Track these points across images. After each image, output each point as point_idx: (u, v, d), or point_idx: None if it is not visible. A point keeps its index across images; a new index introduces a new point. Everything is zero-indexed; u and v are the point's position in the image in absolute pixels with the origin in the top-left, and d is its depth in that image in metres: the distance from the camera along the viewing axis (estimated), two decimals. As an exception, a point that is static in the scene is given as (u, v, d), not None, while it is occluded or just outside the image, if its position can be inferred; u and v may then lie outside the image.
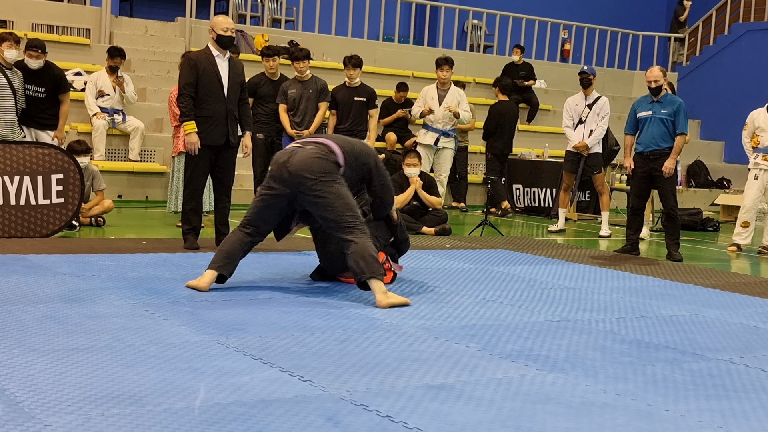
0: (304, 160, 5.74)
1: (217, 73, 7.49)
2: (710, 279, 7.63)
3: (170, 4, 16.56)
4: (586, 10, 20.78)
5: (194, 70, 7.42)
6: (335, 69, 13.42)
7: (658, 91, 9.03)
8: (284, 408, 3.44)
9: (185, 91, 7.42)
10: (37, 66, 8.91)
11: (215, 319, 4.94)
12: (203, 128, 7.43)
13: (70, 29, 13.91)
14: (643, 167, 9.07)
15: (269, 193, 5.85)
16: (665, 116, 8.95)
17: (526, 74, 16.89)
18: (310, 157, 5.76)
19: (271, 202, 5.86)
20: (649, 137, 9.00)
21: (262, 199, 5.89)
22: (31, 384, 3.55)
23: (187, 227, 7.65)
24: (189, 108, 7.41)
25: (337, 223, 5.68)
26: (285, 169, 5.75)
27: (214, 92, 7.47)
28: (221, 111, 7.49)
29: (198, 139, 7.40)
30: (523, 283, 6.83)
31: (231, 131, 7.56)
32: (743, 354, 4.86)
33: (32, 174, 7.91)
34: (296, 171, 5.71)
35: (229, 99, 7.55)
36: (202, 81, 7.44)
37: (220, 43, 7.51)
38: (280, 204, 5.86)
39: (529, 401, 3.72)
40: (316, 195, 5.70)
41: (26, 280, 5.74)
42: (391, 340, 4.68)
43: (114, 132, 11.76)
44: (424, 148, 11.49)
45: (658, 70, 9.06)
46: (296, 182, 5.72)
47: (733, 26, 19.92)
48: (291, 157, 5.80)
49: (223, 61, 7.55)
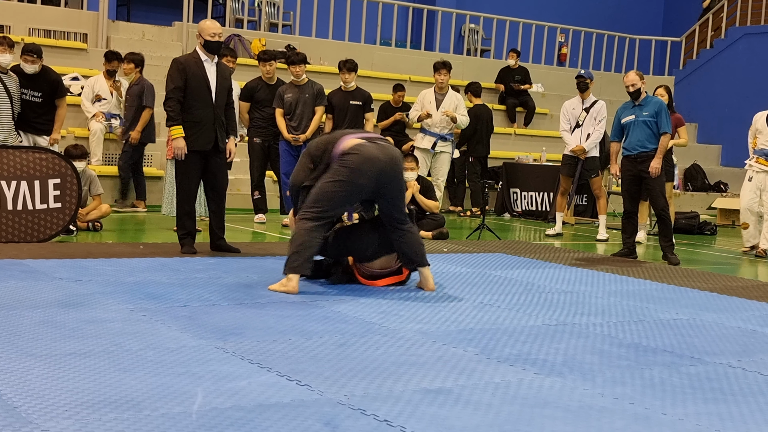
0: (396, 157, 6.15)
1: (206, 78, 7.46)
2: (707, 282, 7.64)
3: (167, 8, 16.57)
4: (582, 14, 20.82)
5: (182, 74, 7.39)
6: (332, 73, 13.43)
7: (638, 95, 9.18)
8: (282, 412, 3.43)
9: (173, 95, 7.37)
10: (33, 71, 8.91)
11: (213, 323, 4.93)
12: (191, 133, 7.40)
13: (67, 34, 13.92)
14: (632, 170, 9.13)
15: (350, 187, 6.00)
16: (648, 118, 9.06)
17: (522, 78, 16.93)
18: (397, 154, 6.22)
19: (352, 195, 6.09)
20: (635, 140, 9.09)
21: (340, 192, 6.01)
22: (29, 389, 3.54)
23: (183, 232, 7.64)
24: (176, 112, 7.37)
25: (402, 214, 6.24)
26: (378, 166, 6.00)
27: (202, 97, 7.45)
28: (209, 116, 7.47)
29: (185, 144, 7.36)
30: (521, 287, 6.83)
31: (219, 136, 7.54)
32: (741, 357, 4.86)
33: (29, 179, 7.90)
34: (391, 167, 6.08)
35: (217, 104, 7.53)
36: (190, 85, 7.41)
37: (208, 48, 7.49)
38: (360, 196, 6.16)
39: (527, 405, 3.72)
40: (400, 189, 6.24)
41: (23, 285, 5.73)
42: (389, 344, 4.67)
43: (111, 137, 11.75)
44: (421, 152, 11.50)
45: (634, 74, 9.26)
46: (389, 178, 6.08)
47: (730, 30, 19.96)
48: (382, 152, 6.06)
49: (211, 65, 7.54)
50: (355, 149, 6.02)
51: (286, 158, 10.17)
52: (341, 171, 5.98)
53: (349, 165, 5.97)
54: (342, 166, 5.99)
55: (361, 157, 5.98)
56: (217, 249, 7.75)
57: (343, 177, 5.98)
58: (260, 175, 10.76)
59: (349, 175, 5.98)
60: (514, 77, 16.90)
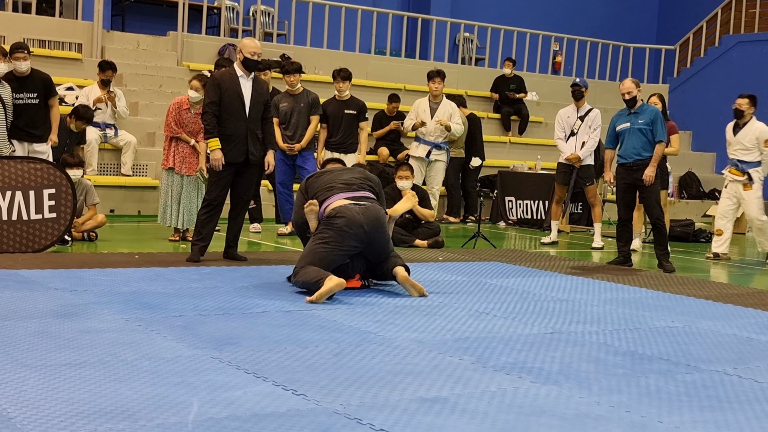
0: (379, 217, 6.58)
1: (240, 93, 7.72)
2: (703, 290, 7.65)
3: (162, 18, 16.57)
4: (577, 23, 20.87)
5: (217, 89, 7.69)
6: (327, 82, 13.44)
7: (633, 103, 9.21)
8: (278, 422, 3.43)
9: (209, 109, 7.69)
10: (26, 68, 8.84)
11: (208, 333, 4.93)
12: (224, 146, 7.66)
13: (62, 44, 13.91)
14: (627, 178, 9.15)
15: (338, 247, 6.44)
16: (643, 126, 9.09)
17: (517, 87, 16.97)
18: (380, 214, 6.63)
19: (342, 254, 6.49)
20: (630, 148, 9.11)
21: (330, 253, 6.42)
22: (24, 400, 3.53)
23: (197, 238, 7.84)
24: (213, 125, 7.67)
25: (388, 251, 6.71)
26: (362, 229, 6.46)
27: (235, 112, 7.71)
28: (242, 130, 7.72)
29: (222, 155, 7.62)
30: (517, 295, 6.84)
31: (251, 149, 7.78)
32: (737, 365, 4.86)
33: (24, 189, 7.89)
34: (375, 228, 6.53)
35: (250, 118, 7.77)
36: (224, 100, 7.69)
37: (246, 65, 7.75)
38: (349, 253, 6.54)
39: (523, 414, 3.72)
40: (386, 240, 6.69)
41: (18, 296, 5.72)
42: (385, 353, 4.67)
43: (106, 146, 11.75)
44: (416, 161, 11.51)
45: (630, 82, 9.28)
46: (374, 237, 6.53)
47: (724, 38, 20.02)
48: (365, 215, 6.49)
49: (247, 81, 7.79)
50: (341, 212, 6.48)
51: (281, 168, 10.17)
52: (328, 234, 6.46)
53: (335, 228, 6.45)
54: (328, 228, 6.48)
55: (346, 220, 6.45)
56: (227, 257, 8.00)
57: (330, 239, 6.45)
58: (255, 184, 10.74)
59: (336, 237, 6.44)
60: (509, 86, 16.93)
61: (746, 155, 10.19)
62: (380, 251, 6.66)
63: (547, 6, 21.20)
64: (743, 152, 10.20)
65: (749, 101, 10.26)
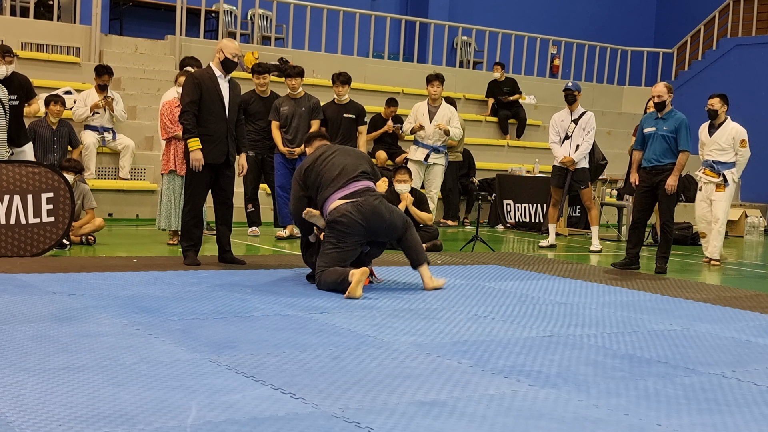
0: (376, 206, 6.76)
1: (220, 93, 7.67)
2: (701, 293, 7.65)
3: (160, 22, 16.57)
4: (574, 26, 20.88)
5: (198, 88, 7.59)
6: (325, 86, 13.45)
7: (662, 107, 9.18)
8: (276, 426, 3.43)
9: (189, 108, 7.57)
10: (10, 72, 8.88)
11: (207, 336, 4.93)
12: (204, 147, 7.58)
13: (60, 48, 13.91)
14: (647, 182, 9.15)
15: (347, 245, 6.74)
16: (667, 133, 9.06)
17: (510, 90, 16.97)
18: (375, 206, 6.78)
19: (353, 250, 6.79)
20: (652, 153, 9.11)
21: (341, 253, 6.73)
22: (22, 404, 3.53)
23: (188, 244, 7.77)
24: (193, 125, 7.56)
25: (402, 228, 6.97)
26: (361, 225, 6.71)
27: (216, 112, 7.64)
28: (222, 130, 7.66)
29: (202, 156, 7.54)
30: (515, 298, 6.84)
31: (230, 150, 7.74)
32: (735, 368, 4.86)
33: (22, 193, 7.89)
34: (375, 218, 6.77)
35: (230, 118, 7.72)
36: (204, 100, 7.61)
37: (225, 66, 7.70)
38: (360, 244, 6.84)
39: (522, 417, 3.72)
40: (393, 222, 6.90)
41: (17, 300, 5.72)
42: (383, 356, 4.67)
43: (104, 150, 11.75)
44: (414, 164, 11.51)
45: (663, 86, 9.24)
46: (378, 225, 6.79)
47: (722, 41, 20.04)
48: (362, 213, 6.69)
49: (225, 81, 7.74)
50: (339, 217, 6.70)
51: (281, 171, 10.17)
52: (333, 237, 6.74)
53: (338, 231, 6.72)
54: (332, 231, 6.75)
55: (345, 225, 6.69)
56: (224, 261, 7.91)
57: (337, 241, 6.73)
58: (254, 188, 10.76)
59: (342, 238, 6.73)
60: (502, 89, 16.94)
61: (722, 155, 10.22)
62: (390, 232, 6.93)
63: (544, 9, 21.21)
64: (719, 153, 10.24)
65: (720, 100, 10.33)
